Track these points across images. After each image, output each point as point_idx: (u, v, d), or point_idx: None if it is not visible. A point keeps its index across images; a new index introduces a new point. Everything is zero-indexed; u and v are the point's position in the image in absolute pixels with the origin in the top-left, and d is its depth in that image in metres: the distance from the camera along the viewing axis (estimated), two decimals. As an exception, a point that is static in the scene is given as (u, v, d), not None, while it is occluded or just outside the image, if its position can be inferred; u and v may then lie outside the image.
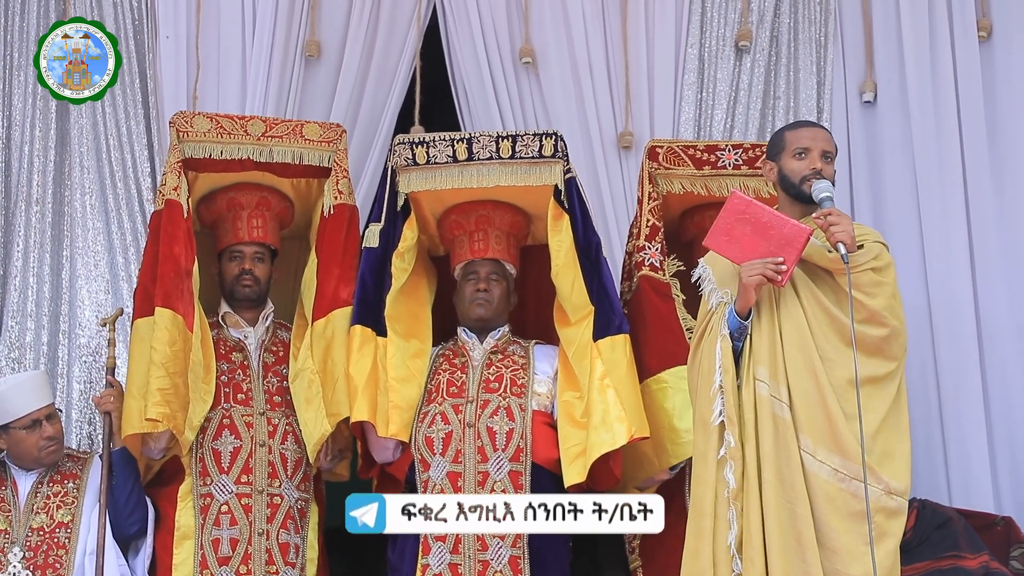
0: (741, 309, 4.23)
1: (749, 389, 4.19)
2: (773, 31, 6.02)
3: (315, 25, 5.94)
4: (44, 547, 4.80)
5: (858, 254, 4.16)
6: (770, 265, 4.14)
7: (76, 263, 5.68)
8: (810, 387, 4.14)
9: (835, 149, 4.44)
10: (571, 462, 4.77)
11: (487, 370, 4.97)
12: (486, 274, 5.04)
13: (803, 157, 4.35)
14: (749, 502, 4.12)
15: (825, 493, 4.08)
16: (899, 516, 4.13)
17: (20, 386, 4.97)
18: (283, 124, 5.24)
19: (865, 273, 4.18)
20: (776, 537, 4.07)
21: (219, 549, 4.87)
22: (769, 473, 4.11)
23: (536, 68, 5.99)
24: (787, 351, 4.18)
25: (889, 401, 4.18)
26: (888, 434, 4.16)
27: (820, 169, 4.31)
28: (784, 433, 4.13)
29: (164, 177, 5.06)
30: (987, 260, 5.73)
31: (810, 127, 4.51)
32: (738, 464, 4.15)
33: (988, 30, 5.92)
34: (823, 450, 4.10)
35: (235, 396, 5.01)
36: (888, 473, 4.11)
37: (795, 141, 4.39)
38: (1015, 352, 5.65)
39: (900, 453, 4.17)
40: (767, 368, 4.17)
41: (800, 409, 4.13)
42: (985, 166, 5.79)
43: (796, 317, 4.20)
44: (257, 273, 5.13)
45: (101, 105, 5.74)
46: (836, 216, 4.18)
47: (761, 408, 4.16)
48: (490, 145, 5.00)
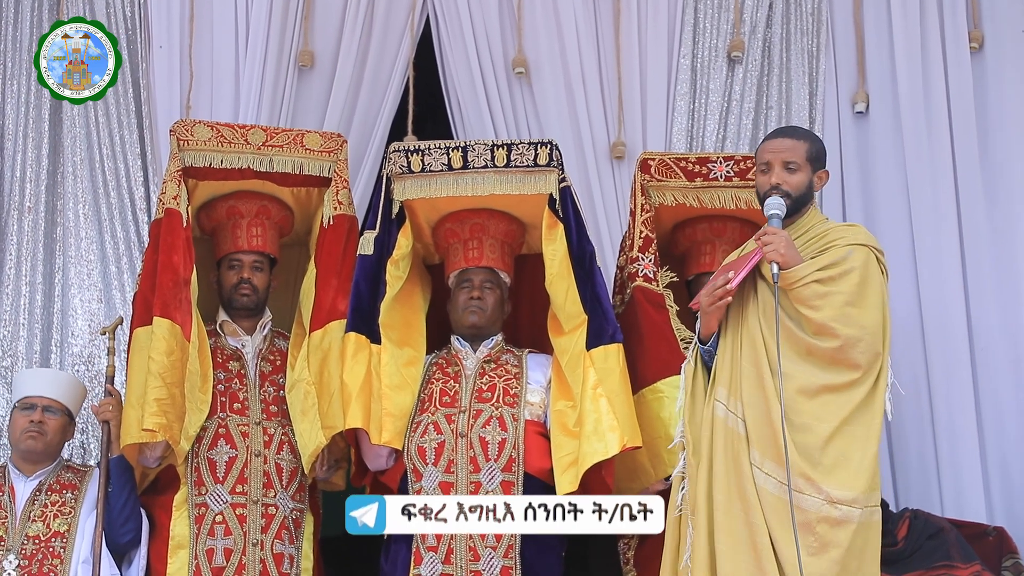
0: (704, 335, 4.35)
1: (708, 409, 4.28)
2: (765, 42, 6.04)
3: (308, 35, 5.95)
4: (39, 556, 4.79)
5: (796, 270, 4.19)
6: (719, 284, 4.25)
7: (69, 272, 5.69)
8: (759, 400, 4.18)
9: (804, 156, 4.40)
10: (563, 471, 4.76)
11: (480, 379, 4.97)
12: (480, 282, 5.04)
13: (766, 172, 4.40)
14: (697, 519, 4.19)
15: (771, 505, 4.11)
16: (845, 525, 4.11)
17: (41, 374, 5.18)
18: (284, 133, 5.24)
19: (808, 287, 4.20)
20: (727, 549, 4.11)
21: (213, 559, 4.86)
22: (720, 492, 4.16)
23: (529, 78, 6.00)
24: (744, 365, 4.23)
25: (849, 408, 4.17)
26: (843, 442, 4.16)
27: (778, 184, 4.34)
28: (737, 448, 4.18)
29: (164, 185, 5.06)
30: (979, 270, 5.74)
31: (774, 139, 4.50)
32: (692, 483, 4.23)
33: (980, 41, 5.94)
34: (769, 463, 4.13)
35: (231, 405, 5.00)
36: (834, 483, 4.11)
37: (760, 156, 4.45)
38: (1007, 362, 5.66)
39: (857, 459, 4.16)
40: (725, 387, 4.25)
41: (750, 422, 4.18)
42: (977, 177, 5.81)
43: (753, 332, 4.26)
44: (256, 282, 5.13)
45: (94, 114, 5.75)
46: (769, 236, 4.23)
47: (716, 427, 4.23)
48: (485, 153, 5.00)
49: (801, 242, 4.32)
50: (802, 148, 4.42)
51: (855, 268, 4.26)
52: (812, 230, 4.40)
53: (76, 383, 5.18)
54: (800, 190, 4.37)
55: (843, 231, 4.41)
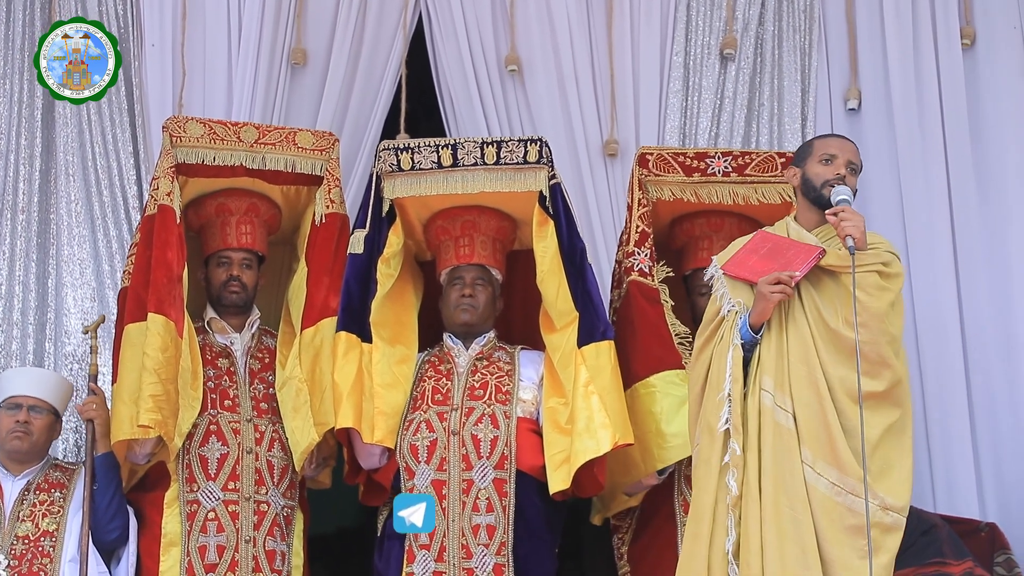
0: (756, 323, 4.27)
1: (754, 398, 4.22)
2: (758, 39, 6.04)
3: (301, 33, 5.94)
4: (28, 555, 4.78)
5: (866, 254, 4.20)
6: (785, 277, 4.20)
7: (62, 271, 5.68)
8: (812, 400, 4.16)
9: (860, 164, 4.47)
10: (556, 469, 4.77)
11: (472, 377, 4.97)
12: (472, 280, 5.04)
13: (829, 163, 4.40)
14: (748, 509, 4.15)
15: (822, 505, 4.10)
16: (895, 532, 4.14)
17: (27, 373, 5.16)
18: (276, 131, 5.24)
19: (871, 274, 4.21)
20: (775, 546, 4.09)
21: (206, 556, 4.86)
22: (768, 482, 4.13)
23: (522, 76, 6.00)
24: (792, 363, 4.20)
25: (892, 418, 4.20)
26: (888, 450, 4.17)
27: (844, 176, 4.36)
28: (787, 442, 4.15)
29: (156, 182, 5.05)
30: (971, 267, 5.74)
31: (839, 139, 4.57)
32: (740, 471, 4.17)
33: (972, 38, 5.94)
34: (821, 463, 4.12)
35: (222, 402, 5.00)
36: (884, 489, 4.13)
37: (823, 148, 4.45)
38: (999, 359, 5.66)
39: (899, 469, 4.18)
40: (772, 378, 4.21)
41: (802, 421, 4.16)
42: (969, 173, 5.81)
43: (801, 329, 4.23)
44: (245, 280, 5.12)
45: (86, 112, 5.75)
46: (848, 212, 4.22)
47: (765, 418, 4.19)
48: (475, 151, 5.01)
49: (836, 244, 4.30)
50: (859, 158, 4.48)
51: (901, 275, 4.34)
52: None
53: (62, 381, 5.18)
54: (854, 193, 4.39)
55: (879, 238, 4.43)
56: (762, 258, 4.31)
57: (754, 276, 4.27)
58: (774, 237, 4.39)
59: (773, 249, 4.32)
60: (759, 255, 4.33)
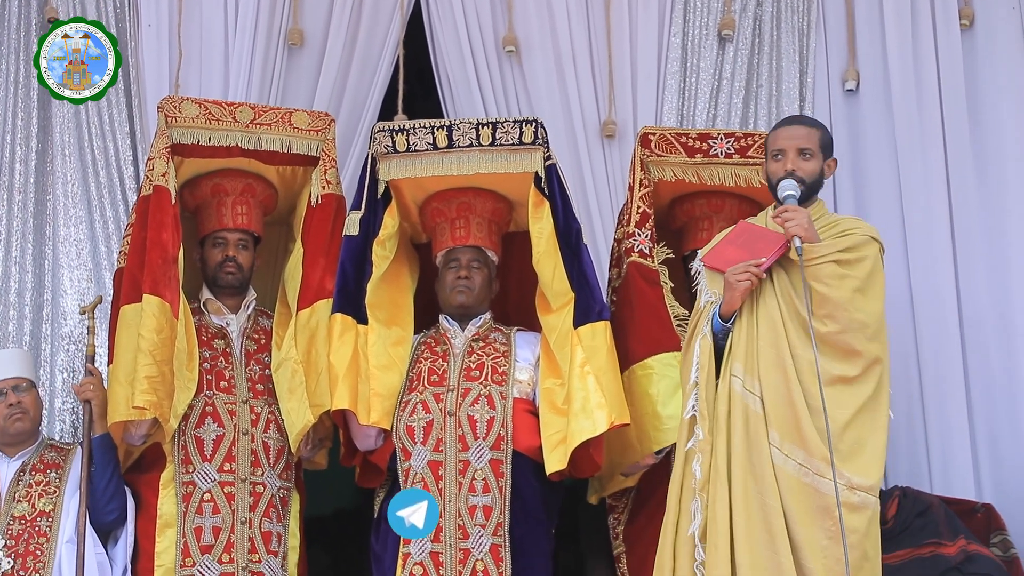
0: (726, 312, 4.31)
1: (725, 384, 4.25)
2: (756, 20, 6.03)
3: (298, 13, 5.93)
4: (25, 535, 4.79)
5: (818, 246, 4.23)
6: (752, 267, 4.22)
7: (58, 252, 5.68)
8: (779, 382, 4.19)
9: (817, 143, 4.45)
10: (552, 449, 4.78)
11: (468, 358, 4.97)
12: (467, 261, 5.04)
13: (779, 159, 4.43)
14: (716, 492, 4.17)
15: (790, 487, 4.11)
16: (862, 511, 4.14)
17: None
18: (272, 112, 5.23)
19: (827, 265, 4.23)
20: (744, 529, 4.11)
21: (202, 537, 4.86)
22: (738, 467, 4.16)
23: (519, 57, 5.99)
24: (761, 346, 4.23)
25: (862, 399, 4.21)
26: (860, 430, 4.19)
27: (793, 171, 4.37)
28: (755, 426, 4.18)
29: (151, 162, 5.04)
30: (969, 249, 5.74)
31: (787, 126, 4.54)
32: (706, 456, 4.20)
33: (970, 19, 5.93)
34: (788, 444, 4.14)
35: (218, 384, 5.00)
36: (853, 468, 4.14)
37: (772, 143, 4.48)
38: (996, 340, 5.66)
39: (871, 447, 4.19)
40: (742, 364, 4.23)
41: (769, 404, 4.18)
42: (967, 154, 5.80)
43: (772, 314, 4.26)
44: (240, 260, 5.12)
45: (83, 93, 5.74)
46: (790, 212, 4.26)
47: (734, 402, 4.22)
48: (470, 132, 5.00)
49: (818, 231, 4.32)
50: (815, 136, 4.47)
51: (868, 258, 4.31)
52: (822, 219, 4.43)
53: (25, 352, 5.25)
54: (813, 177, 4.42)
55: (855, 222, 4.47)
56: (737, 248, 4.34)
57: (727, 266, 4.31)
58: (751, 227, 4.43)
59: (748, 239, 4.35)
60: (736, 245, 4.36)
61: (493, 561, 4.74)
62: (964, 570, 4.80)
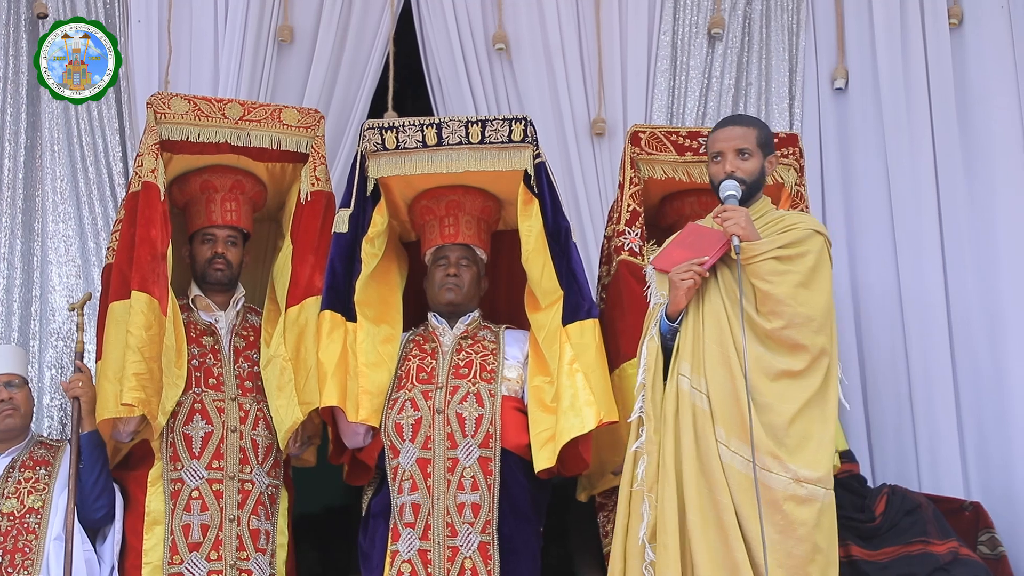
0: (672, 312, 4.35)
1: (673, 383, 4.28)
2: (745, 18, 6.04)
3: (288, 10, 5.93)
4: (14, 532, 4.78)
5: (756, 244, 4.26)
6: (695, 266, 4.26)
7: (47, 248, 5.67)
8: (725, 378, 4.21)
9: (755, 142, 4.47)
10: (541, 447, 4.78)
11: (457, 355, 4.97)
12: (456, 259, 5.04)
13: (719, 161, 4.46)
14: (664, 492, 4.19)
15: (739, 483, 4.13)
16: (811, 503, 4.15)
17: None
18: (261, 108, 5.22)
19: (766, 262, 4.26)
20: (699, 527, 4.13)
21: (190, 535, 4.85)
22: (689, 465, 4.18)
23: (509, 55, 6.00)
24: (707, 344, 4.26)
25: (809, 393, 4.23)
26: (807, 422, 4.21)
27: (732, 172, 4.41)
28: (703, 424, 4.20)
29: (140, 159, 5.02)
30: (958, 246, 5.76)
31: (725, 127, 4.56)
32: (652, 458, 4.23)
33: (959, 17, 5.95)
34: (736, 440, 4.16)
35: (206, 381, 4.99)
36: (800, 462, 4.16)
37: (711, 146, 4.51)
38: (984, 338, 5.67)
39: (818, 439, 4.21)
40: (689, 362, 4.27)
41: (716, 401, 4.21)
42: (956, 152, 5.82)
43: (717, 311, 4.29)
44: (229, 257, 5.11)
45: (72, 89, 5.73)
46: (729, 211, 4.29)
47: (682, 402, 4.25)
48: (459, 130, 4.99)
49: (757, 226, 4.36)
50: (752, 135, 4.49)
51: (811, 252, 4.34)
52: (766, 216, 4.46)
53: (19, 349, 5.22)
54: (753, 176, 4.45)
55: (799, 217, 4.51)
56: (684, 249, 4.37)
57: (671, 267, 4.35)
58: (698, 228, 4.46)
59: (694, 240, 4.38)
60: (683, 247, 4.40)
61: (481, 559, 4.74)
62: (953, 571, 4.80)
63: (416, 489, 4.79)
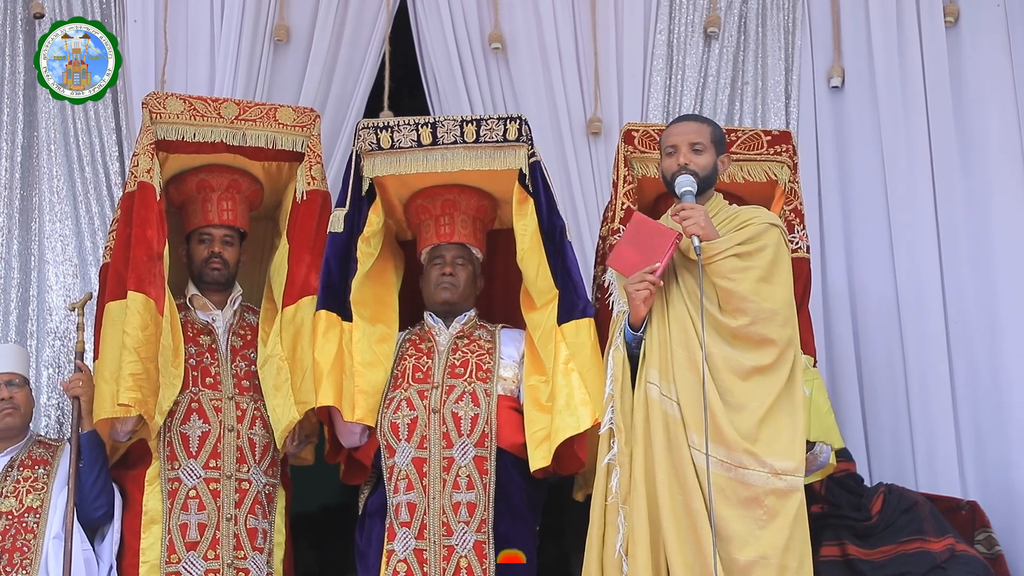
0: (634, 322, 4.36)
1: (641, 391, 4.29)
2: (741, 17, 6.04)
3: (284, 9, 5.94)
4: (13, 531, 4.79)
5: (716, 243, 4.27)
6: (648, 276, 4.28)
7: (44, 247, 5.68)
8: (693, 382, 4.22)
9: (708, 138, 4.50)
10: (536, 446, 4.77)
11: (453, 355, 4.97)
12: (452, 258, 5.04)
13: (672, 155, 4.48)
14: (636, 503, 4.20)
15: (715, 484, 4.13)
16: (792, 495, 4.18)
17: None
18: (257, 108, 5.22)
19: (727, 260, 4.27)
20: (673, 534, 4.14)
21: (187, 534, 4.85)
22: (662, 473, 4.19)
23: (505, 54, 6.00)
24: (674, 349, 4.27)
25: (779, 387, 4.25)
26: (778, 416, 4.23)
27: (686, 164, 4.43)
28: (674, 431, 4.21)
29: (136, 158, 5.02)
30: (954, 245, 5.76)
31: (680, 122, 4.60)
32: (625, 469, 4.25)
33: (955, 15, 5.95)
34: (709, 443, 4.15)
35: (203, 380, 4.99)
36: (774, 455, 4.18)
37: (665, 140, 4.53)
38: (981, 337, 5.68)
39: (789, 429, 4.23)
40: (657, 369, 4.28)
41: (686, 405, 4.22)
42: (952, 151, 5.82)
43: (681, 315, 4.31)
44: (226, 256, 5.11)
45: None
46: (687, 211, 4.30)
47: (652, 410, 4.26)
48: (454, 129, 4.99)
49: (720, 224, 4.39)
50: (706, 131, 4.53)
51: (769, 245, 4.35)
52: (721, 212, 4.49)
53: (21, 349, 5.23)
54: (707, 171, 4.47)
55: (754, 211, 4.52)
56: (633, 249, 4.37)
57: (626, 270, 4.36)
58: (645, 222, 4.44)
59: (643, 237, 4.37)
60: (632, 245, 4.39)
61: (477, 558, 4.74)
62: (950, 569, 4.81)
63: (412, 488, 4.79)
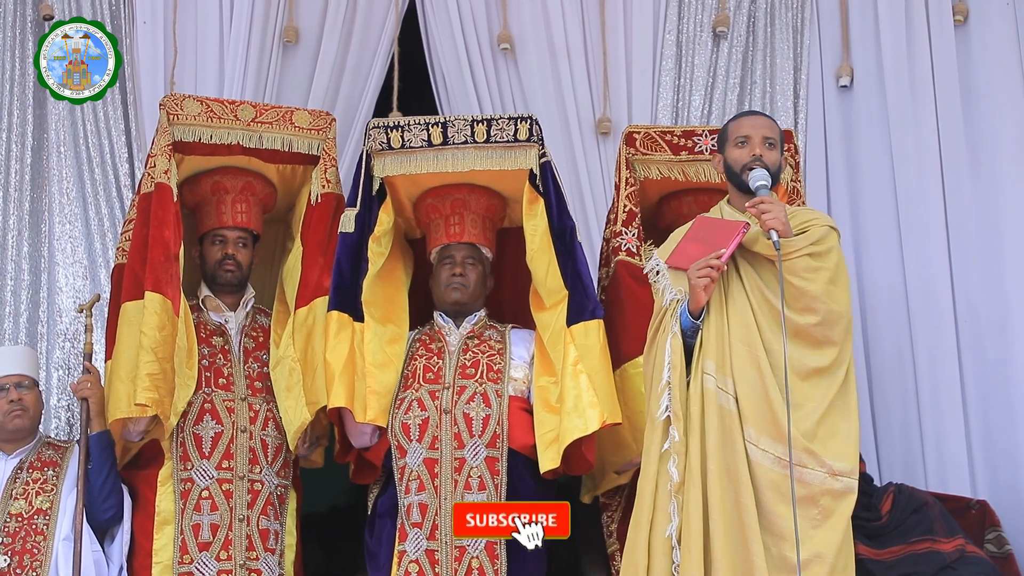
0: (694, 309, 4.29)
1: (697, 383, 4.24)
2: (750, 17, 6.04)
3: (293, 11, 5.94)
4: (22, 533, 4.79)
5: (792, 240, 4.22)
6: (712, 261, 4.21)
7: (54, 249, 5.69)
8: (754, 378, 4.19)
9: (779, 134, 4.48)
10: (546, 448, 4.78)
11: (463, 355, 4.97)
12: (462, 258, 5.04)
13: (744, 145, 4.41)
14: (690, 495, 4.17)
15: (770, 481, 4.12)
16: (847, 496, 4.17)
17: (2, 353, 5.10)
18: (273, 110, 5.23)
19: (801, 259, 4.24)
20: (720, 528, 4.12)
21: (199, 535, 4.86)
22: (714, 465, 4.16)
23: (514, 54, 6.00)
24: (733, 344, 4.24)
25: (835, 389, 4.24)
26: (834, 418, 4.22)
27: (760, 155, 4.37)
28: (730, 425, 4.18)
29: (153, 159, 5.02)
30: (963, 243, 5.75)
31: (751, 116, 4.56)
32: (681, 458, 4.20)
33: (964, 14, 5.93)
34: (766, 439, 4.15)
35: (216, 381, 5.00)
36: (831, 455, 4.17)
37: (736, 130, 4.46)
38: (991, 334, 5.66)
39: (844, 432, 4.22)
40: (714, 361, 4.23)
41: (744, 400, 4.19)
42: (961, 149, 5.81)
43: (743, 310, 4.27)
44: (240, 258, 5.12)
45: (78, 91, 5.74)
46: (767, 204, 4.23)
47: (708, 401, 4.21)
48: (465, 129, 4.99)
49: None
50: (777, 128, 4.49)
51: (834, 249, 4.33)
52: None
53: (31, 351, 5.24)
54: (776, 167, 4.42)
55: (813, 213, 4.49)
56: (697, 244, 4.33)
57: (689, 264, 4.30)
58: (708, 220, 4.43)
59: (706, 233, 4.34)
60: (696, 241, 4.35)
61: (488, 559, 4.74)
62: (960, 569, 4.80)
63: (423, 489, 4.79)
